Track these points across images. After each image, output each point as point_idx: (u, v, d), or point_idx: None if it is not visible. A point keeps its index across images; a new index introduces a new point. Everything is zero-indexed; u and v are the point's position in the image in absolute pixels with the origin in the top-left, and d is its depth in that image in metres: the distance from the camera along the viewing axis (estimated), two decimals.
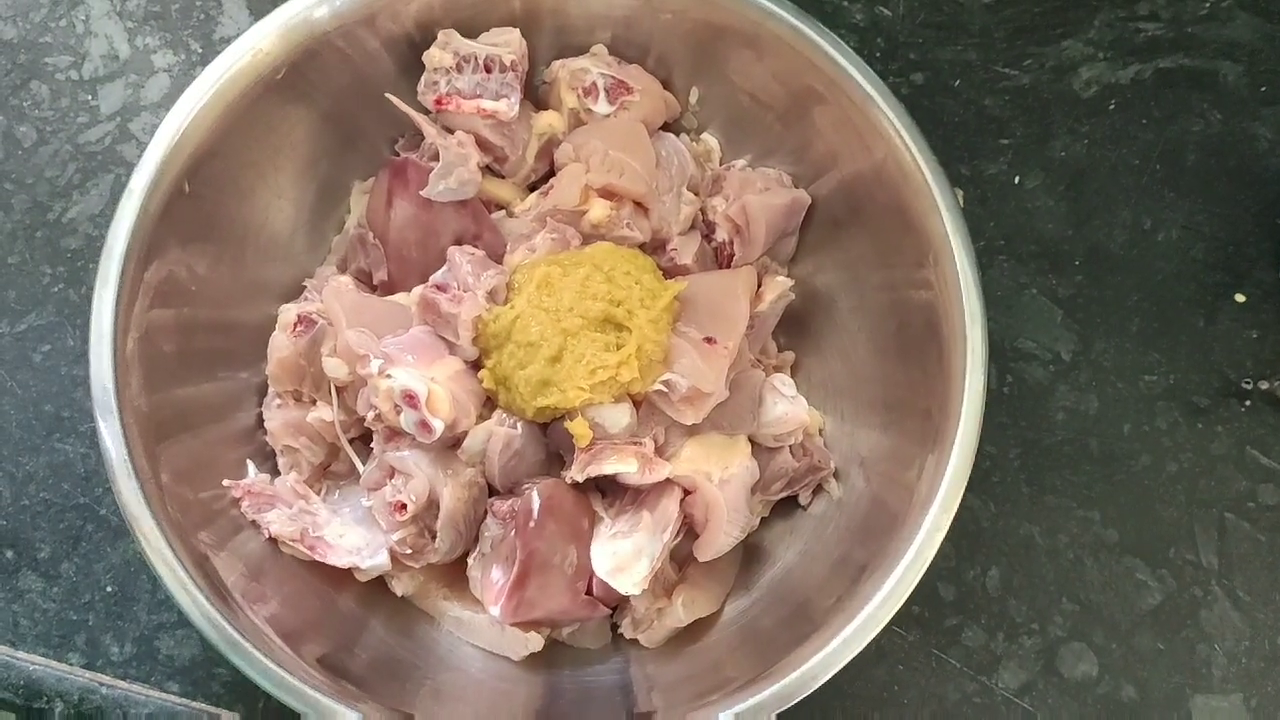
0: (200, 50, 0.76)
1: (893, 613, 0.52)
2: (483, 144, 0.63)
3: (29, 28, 0.76)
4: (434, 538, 0.59)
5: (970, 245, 0.57)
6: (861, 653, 0.51)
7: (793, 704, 0.51)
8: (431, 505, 0.58)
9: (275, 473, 0.63)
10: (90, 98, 0.75)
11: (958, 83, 0.77)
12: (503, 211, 0.65)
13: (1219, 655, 0.67)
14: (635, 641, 0.61)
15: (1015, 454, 0.70)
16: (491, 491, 0.61)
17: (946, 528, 0.53)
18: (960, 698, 0.66)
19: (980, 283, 0.57)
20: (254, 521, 0.59)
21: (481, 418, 0.60)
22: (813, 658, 0.52)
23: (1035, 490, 0.70)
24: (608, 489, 0.62)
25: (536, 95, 0.67)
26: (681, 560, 0.62)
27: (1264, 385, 0.70)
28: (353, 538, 0.60)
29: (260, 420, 0.63)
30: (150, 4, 0.76)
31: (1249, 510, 0.70)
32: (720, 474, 0.60)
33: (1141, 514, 0.69)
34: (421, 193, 0.61)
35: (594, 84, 0.64)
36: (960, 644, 0.67)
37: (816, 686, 0.51)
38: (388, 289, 0.63)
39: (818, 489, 0.64)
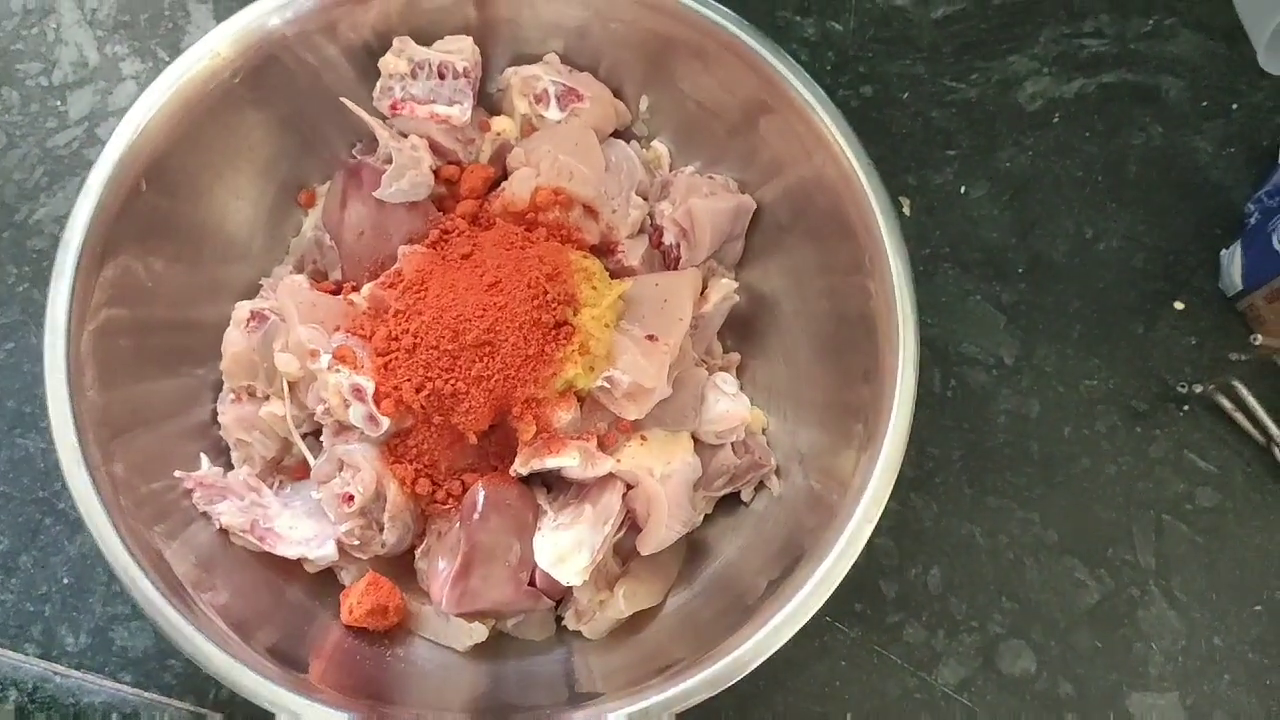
0: (167, 58, 0.77)
1: (823, 599, 0.53)
2: (436, 148, 0.65)
3: (1, 36, 0.77)
4: (382, 530, 0.60)
5: (905, 249, 0.58)
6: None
7: (727, 687, 0.52)
8: (379, 498, 0.60)
9: (229, 467, 0.64)
10: (59, 103, 0.76)
11: (906, 95, 0.79)
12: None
13: (1156, 654, 0.69)
14: (579, 633, 0.62)
15: (958, 456, 0.72)
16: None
17: (877, 518, 0.54)
18: (901, 693, 0.67)
19: (914, 285, 0.58)
20: (205, 513, 0.60)
21: None
22: (745, 643, 0.53)
23: (977, 491, 0.71)
24: (552, 483, 0.63)
25: (490, 102, 0.69)
26: (625, 554, 0.63)
27: (1199, 389, 0.72)
28: (303, 530, 0.61)
29: (215, 416, 0.64)
30: (120, 14, 0.78)
31: (1186, 512, 0.71)
32: (662, 469, 0.61)
33: (1080, 515, 0.71)
34: (375, 194, 0.62)
35: (545, 91, 0.66)
36: (902, 641, 0.68)
37: (749, 671, 0.52)
38: (342, 289, 0.65)
39: (760, 486, 0.65)
